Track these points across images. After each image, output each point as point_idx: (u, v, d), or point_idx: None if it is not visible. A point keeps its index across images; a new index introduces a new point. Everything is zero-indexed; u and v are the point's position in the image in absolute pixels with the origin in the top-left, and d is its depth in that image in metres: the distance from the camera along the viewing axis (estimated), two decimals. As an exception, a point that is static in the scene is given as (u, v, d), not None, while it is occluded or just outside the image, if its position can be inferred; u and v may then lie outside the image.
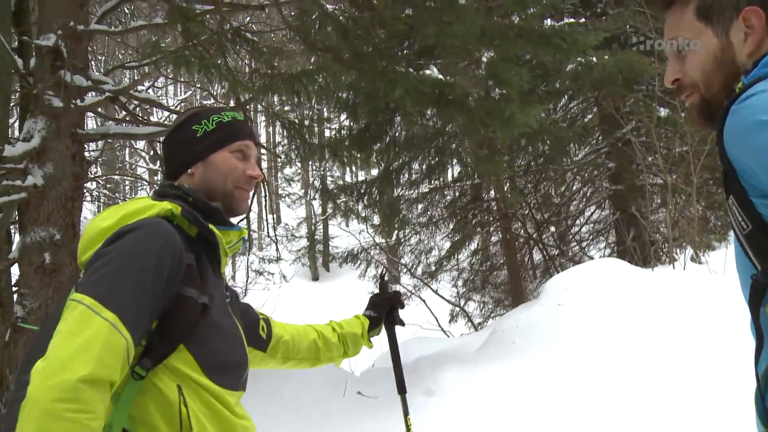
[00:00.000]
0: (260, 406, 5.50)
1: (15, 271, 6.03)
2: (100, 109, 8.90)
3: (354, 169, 19.91)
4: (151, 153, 8.32)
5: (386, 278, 2.60)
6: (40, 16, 6.29)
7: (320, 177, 9.97)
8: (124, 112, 7.58)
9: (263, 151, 9.77)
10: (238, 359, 1.72)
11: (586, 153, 11.33)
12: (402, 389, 2.51)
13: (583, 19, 9.07)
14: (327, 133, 14.40)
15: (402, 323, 2.47)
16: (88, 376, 1.30)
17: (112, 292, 1.41)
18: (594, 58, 8.49)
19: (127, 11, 9.52)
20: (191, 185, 1.75)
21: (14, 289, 6.18)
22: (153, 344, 1.49)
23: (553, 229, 12.48)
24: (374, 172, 11.52)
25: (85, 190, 7.78)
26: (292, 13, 8.21)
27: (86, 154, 7.28)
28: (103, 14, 6.85)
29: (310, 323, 2.33)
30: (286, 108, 10.14)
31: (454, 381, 5.30)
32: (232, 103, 7.56)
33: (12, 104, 7.20)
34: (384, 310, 2.40)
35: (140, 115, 7.40)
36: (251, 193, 1.93)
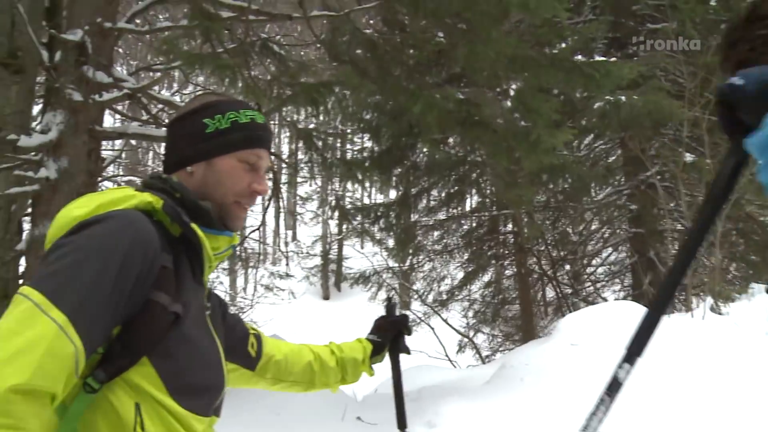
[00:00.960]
0: (255, 422, 5.28)
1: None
2: (125, 111, 8.84)
3: (371, 190, 19.76)
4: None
5: (394, 301, 2.36)
6: (69, 11, 6.22)
7: (337, 196, 9.75)
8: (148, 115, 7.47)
9: (278, 163, 9.46)
10: (213, 381, 1.47)
11: (607, 193, 11.05)
12: (402, 424, 2.26)
13: (613, 59, 8.85)
14: (348, 155, 14.25)
15: (408, 351, 2.24)
16: (22, 385, 1.08)
17: (65, 290, 1.18)
18: (623, 98, 8.28)
19: (161, 17, 9.48)
20: (188, 185, 1.51)
21: (20, 281, 6.06)
22: (112, 354, 1.26)
23: (568, 267, 12.15)
24: (392, 195, 11.34)
25: (101, 189, 7.69)
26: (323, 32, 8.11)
27: (104, 152, 7.18)
28: (133, 14, 6.77)
29: (307, 343, 2.10)
30: (311, 126, 9.98)
31: (457, 414, 5.04)
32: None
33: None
34: (389, 336, 2.17)
35: (163, 118, 7.23)
36: (249, 210, 1.65)
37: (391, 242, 11.03)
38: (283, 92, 5.91)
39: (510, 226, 11.36)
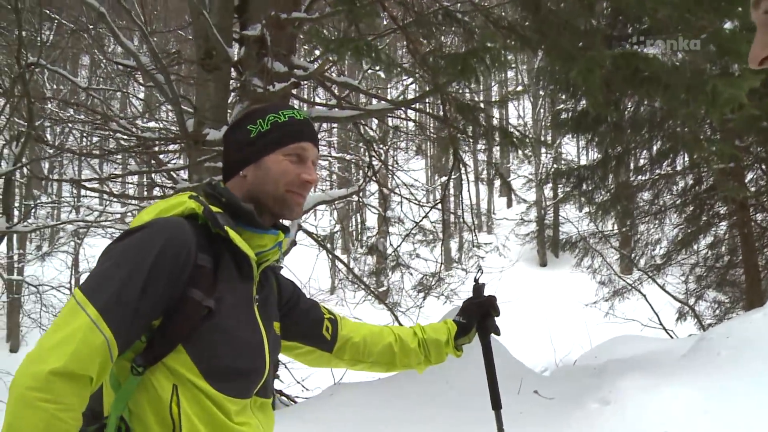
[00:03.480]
0: (427, 393, 5.39)
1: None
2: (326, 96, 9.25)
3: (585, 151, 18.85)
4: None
5: (481, 281, 2.29)
6: (251, 8, 6.63)
7: (497, 167, 9.51)
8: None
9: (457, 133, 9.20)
10: (249, 366, 1.59)
11: None
12: (496, 404, 2.25)
13: None
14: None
15: (497, 332, 2.21)
16: (59, 368, 1.30)
17: (100, 289, 1.40)
18: None
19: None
20: (243, 188, 1.68)
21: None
22: (153, 342, 1.46)
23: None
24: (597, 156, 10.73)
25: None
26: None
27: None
28: (311, 2, 7.10)
29: (391, 325, 2.21)
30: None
31: (635, 392, 4.73)
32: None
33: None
34: (475, 317, 2.18)
35: (349, 100, 7.53)
36: (305, 198, 1.78)
37: (597, 205, 10.49)
38: (438, 64, 5.83)
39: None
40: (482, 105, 7.38)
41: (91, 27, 10.51)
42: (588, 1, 6.07)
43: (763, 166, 10.07)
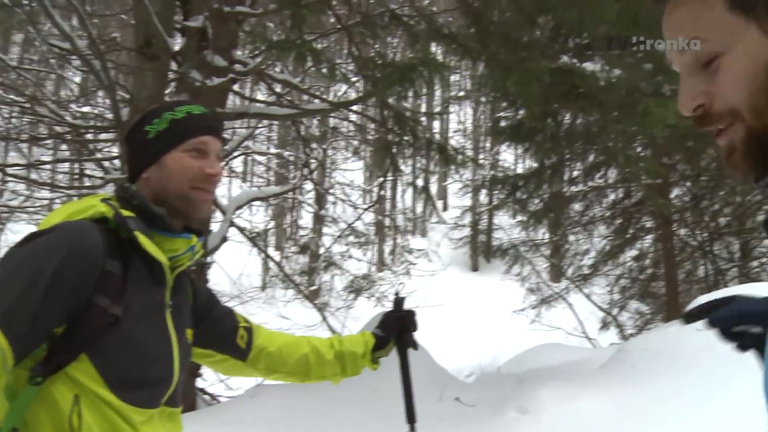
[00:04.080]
0: (353, 400, 5.39)
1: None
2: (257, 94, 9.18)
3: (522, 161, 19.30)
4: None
5: (401, 295, 2.34)
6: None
7: (414, 176, 9.64)
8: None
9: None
10: (156, 375, 1.56)
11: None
12: (411, 419, 2.26)
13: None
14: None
15: (415, 346, 2.23)
16: None
17: None
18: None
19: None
20: (149, 190, 1.64)
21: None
22: (53, 351, 1.40)
23: (733, 240, 11.03)
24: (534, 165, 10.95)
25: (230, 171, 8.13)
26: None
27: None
28: (255, -3, 7.00)
29: (308, 336, 2.20)
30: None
31: (552, 401, 4.87)
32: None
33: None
34: (393, 331, 2.19)
35: (288, 98, 7.48)
36: (213, 195, 1.74)
37: (529, 214, 10.72)
38: (375, 74, 5.85)
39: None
40: (421, 117, 7.41)
41: (26, 2, 10.15)
42: (529, 15, 6.22)
43: (688, 184, 10.49)
